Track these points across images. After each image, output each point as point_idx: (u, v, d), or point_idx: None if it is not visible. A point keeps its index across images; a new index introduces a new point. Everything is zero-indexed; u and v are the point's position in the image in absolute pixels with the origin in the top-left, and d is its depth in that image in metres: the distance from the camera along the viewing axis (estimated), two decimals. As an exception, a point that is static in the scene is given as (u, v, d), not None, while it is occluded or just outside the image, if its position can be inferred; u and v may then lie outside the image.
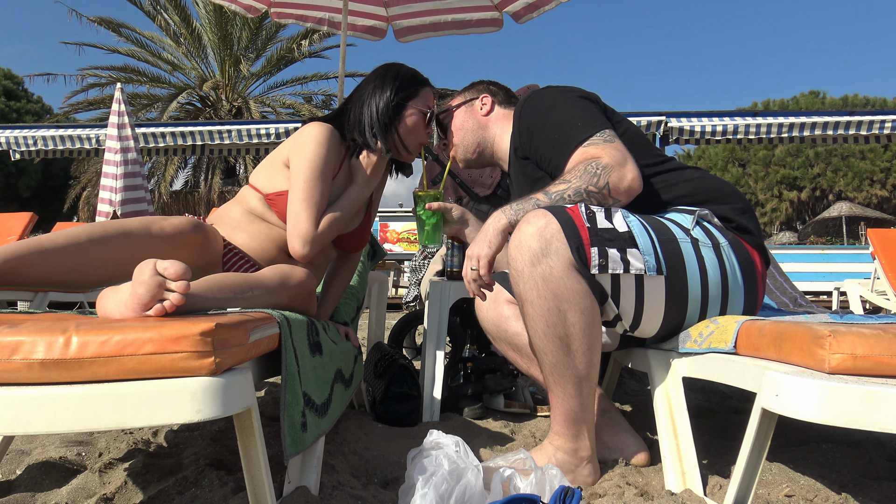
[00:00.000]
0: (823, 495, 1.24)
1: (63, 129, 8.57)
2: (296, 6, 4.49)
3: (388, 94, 1.67)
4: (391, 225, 12.37)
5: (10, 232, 4.14)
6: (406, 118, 1.69)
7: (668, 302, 1.33)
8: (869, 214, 19.17)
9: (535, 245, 1.25)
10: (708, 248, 1.36)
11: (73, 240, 1.23)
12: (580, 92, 1.55)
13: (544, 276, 1.25)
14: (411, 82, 1.71)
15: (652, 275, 1.28)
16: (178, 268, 0.99)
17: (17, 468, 1.45)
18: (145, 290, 0.97)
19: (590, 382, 1.31)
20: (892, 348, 0.90)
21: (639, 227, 1.31)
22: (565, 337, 1.27)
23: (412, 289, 3.65)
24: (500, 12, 4.35)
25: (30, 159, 8.75)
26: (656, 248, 1.30)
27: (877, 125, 7.27)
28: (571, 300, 1.25)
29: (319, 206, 1.55)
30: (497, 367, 2.21)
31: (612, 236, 1.27)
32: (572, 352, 1.28)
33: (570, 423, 1.33)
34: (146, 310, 0.98)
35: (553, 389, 1.33)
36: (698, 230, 1.38)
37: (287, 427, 1.05)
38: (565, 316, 1.25)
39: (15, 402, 0.81)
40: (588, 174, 1.35)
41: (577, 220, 1.26)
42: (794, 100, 25.45)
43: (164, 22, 15.26)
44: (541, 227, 1.26)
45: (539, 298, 1.26)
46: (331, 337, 1.45)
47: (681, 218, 1.42)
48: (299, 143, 1.58)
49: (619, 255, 1.26)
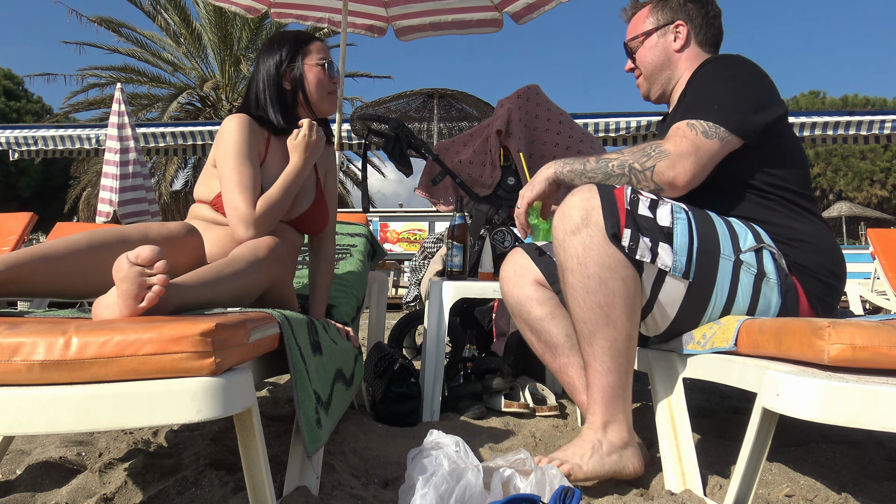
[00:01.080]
0: (823, 495, 1.24)
1: (63, 129, 8.58)
2: (296, 6, 4.50)
3: (276, 61, 1.69)
4: (391, 225, 12.36)
5: (10, 232, 4.13)
6: (306, 77, 1.70)
7: (683, 308, 1.32)
8: (869, 214, 19.16)
9: (576, 215, 1.28)
10: (750, 274, 1.33)
11: (73, 246, 1.24)
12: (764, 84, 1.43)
13: (584, 244, 1.27)
14: (295, 43, 1.72)
15: (676, 276, 1.28)
16: (149, 251, 0.99)
17: (17, 468, 1.45)
18: (129, 284, 0.98)
19: (629, 358, 1.30)
20: (891, 339, 0.90)
21: (684, 227, 1.30)
22: (605, 305, 1.26)
23: (412, 289, 3.65)
24: (500, 13, 4.35)
25: (30, 159, 8.75)
26: (692, 253, 1.29)
27: (877, 125, 7.26)
28: (612, 267, 1.26)
29: (252, 188, 1.55)
30: (497, 367, 2.21)
31: (648, 225, 1.28)
32: (612, 320, 1.27)
33: (608, 400, 1.30)
34: (139, 302, 0.99)
35: (591, 363, 1.31)
36: (751, 255, 1.33)
37: (305, 425, 1.06)
38: (606, 283, 1.26)
39: (15, 402, 0.82)
40: (642, 153, 1.38)
41: (619, 202, 1.28)
42: (794, 100, 25.45)
43: (165, 22, 15.24)
44: (584, 198, 1.29)
45: (579, 266, 1.28)
46: (330, 336, 1.45)
47: (747, 236, 1.36)
48: (218, 140, 1.63)
49: (649, 244, 1.26)
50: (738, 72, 1.44)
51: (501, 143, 2.58)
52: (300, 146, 1.63)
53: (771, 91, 1.44)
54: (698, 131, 1.37)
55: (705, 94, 1.42)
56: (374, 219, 11.95)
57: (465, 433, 1.75)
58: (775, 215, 1.42)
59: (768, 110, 1.40)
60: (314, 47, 1.73)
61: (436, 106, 4.86)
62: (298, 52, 1.71)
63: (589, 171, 1.44)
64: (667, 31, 1.60)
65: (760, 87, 1.43)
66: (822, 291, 1.38)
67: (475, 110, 4.86)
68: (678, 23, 1.59)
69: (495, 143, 2.61)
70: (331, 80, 1.74)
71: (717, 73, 1.45)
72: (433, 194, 2.71)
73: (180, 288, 1.09)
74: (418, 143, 2.51)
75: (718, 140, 1.36)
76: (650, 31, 1.62)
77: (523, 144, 2.61)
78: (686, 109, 1.42)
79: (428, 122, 5.12)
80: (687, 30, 1.58)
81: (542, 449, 1.70)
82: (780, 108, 1.43)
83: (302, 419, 1.06)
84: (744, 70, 1.44)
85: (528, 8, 4.23)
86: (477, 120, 4.90)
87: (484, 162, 2.68)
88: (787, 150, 1.44)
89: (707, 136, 1.36)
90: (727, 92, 1.41)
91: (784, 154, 1.44)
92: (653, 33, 1.62)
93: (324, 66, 1.72)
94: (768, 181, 1.42)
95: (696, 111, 1.39)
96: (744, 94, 1.40)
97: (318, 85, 1.72)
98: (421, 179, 2.72)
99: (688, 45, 1.59)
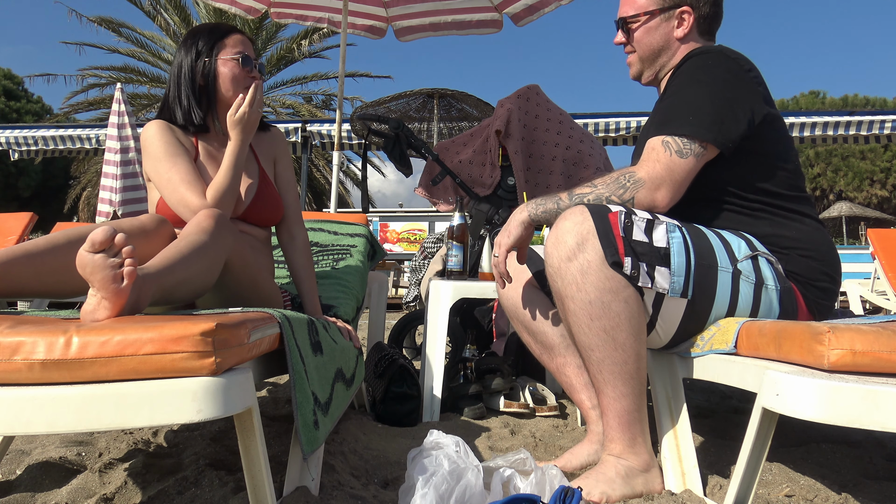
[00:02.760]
0: (823, 495, 1.24)
1: (63, 129, 8.57)
2: (295, 6, 4.50)
3: (190, 58, 1.65)
4: (391, 225, 12.35)
5: (10, 232, 4.13)
6: (220, 72, 1.64)
7: (684, 323, 1.31)
8: (869, 214, 19.16)
9: (570, 240, 1.24)
10: (749, 283, 1.31)
11: (52, 242, 1.23)
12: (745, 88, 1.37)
13: (582, 269, 1.23)
14: (210, 37, 1.66)
15: (674, 296, 1.27)
16: (101, 233, 0.96)
17: (17, 468, 1.45)
18: (100, 272, 0.95)
19: (640, 379, 1.27)
20: (891, 344, 0.90)
21: (680, 246, 1.27)
22: (611, 329, 1.23)
23: (412, 289, 3.65)
24: (500, 13, 4.36)
25: (30, 159, 8.75)
26: (689, 271, 1.26)
27: (877, 125, 7.27)
28: (614, 290, 1.22)
29: (194, 181, 1.52)
30: (497, 367, 2.21)
31: (644, 250, 1.24)
32: (619, 344, 1.23)
33: (625, 426, 1.26)
34: (119, 283, 0.96)
35: (603, 390, 1.27)
36: (748, 264, 1.32)
37: (302, 427, 1.06)
38: (609, 306, 1.22)
39: (15, 402, 0.82)
40: (617, 185, 1.33)
41: (615, 227, 1.23)
42: (794, 100, 25.46)
43: (165, 22, 15.23)
44: (577, 222, 1.25)
45: (579, 292, 1.24)
46: (331, 336, 1.45)
47: (740, 246, 1.35)
48: (143, 153, 1.62)
49: (646, 269, 1.23)
50: (717, 73, 1.37)
51: (501, 143, 2.58)
52: (239, 121, 1.57)
53: (752, 92, 1.37)
54: (672, 151, 1.32)
55: (681, 102, 1.38)
56: (374, 219, 11.95)
57: (465, 433, 1.75)
58: (762, 224, 1.39)
59: (749, 116, 1.35)
60: (230, 41, 1.66)
61: (436, 106, 4.86)
62: (214, 47, 1.65)
63: (563, 209, 1.38)
64: (671, 16, 1.51)
65: (741, 89, 1.36)
66: (817, 296, 1.37)
67: (475, 110, 4.86)
68: (685, 9, 1.50)
69: (495, 144, 2.61)
70: (248, 74, 1.66)
71: (695, 74, 1.39)
72: (433, 194, 2.71)
73: (153, 274, 1.08)
74: (418, 143, 2.51)
75: (693, 157, 1.32)
76: (654, 12, 1.52)
77: (523, 145, 2.61)
78: (661, 122, 1.38)
79: (428, 122, 5.12)
80: (693, 18, 1.50)
81: (542, 449, 1.70)
82: (763, 109, 1.37)
83: (299, 420, 1.06)
84: (723, 70, 1.37)
85: (528, 10, 4.24)
86: (477, 120, 4.90)
87: (484, 162, 2.68)
88: (768, 153, 1.39)
89: (682, 155, 1.32)
90: (704, 98, 1.35)
91: (767, 157, 1.39)
92: (657, 14, 1.52)
93: (238, 59, 1.64)
94: (752, 188, 1.39)
95: (671, 124, 1.35)
96: (722, 101, 1.34)
97: (233, 80, 1.64)
98: (421, 179, 2.72)
99: (690, 34, 1.51)
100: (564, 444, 1.73)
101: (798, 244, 1.37)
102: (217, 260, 1.32)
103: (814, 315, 1.38)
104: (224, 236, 1.35)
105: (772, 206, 1.39)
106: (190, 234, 1.29)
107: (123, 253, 0.97)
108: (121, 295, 0.97)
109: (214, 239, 1.30)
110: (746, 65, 1.40)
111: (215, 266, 1.31)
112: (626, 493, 1.23)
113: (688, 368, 1.35)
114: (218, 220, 1.35)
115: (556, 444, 1.74)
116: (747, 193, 1.39)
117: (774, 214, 1.39)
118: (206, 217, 1.34)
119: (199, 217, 1.35)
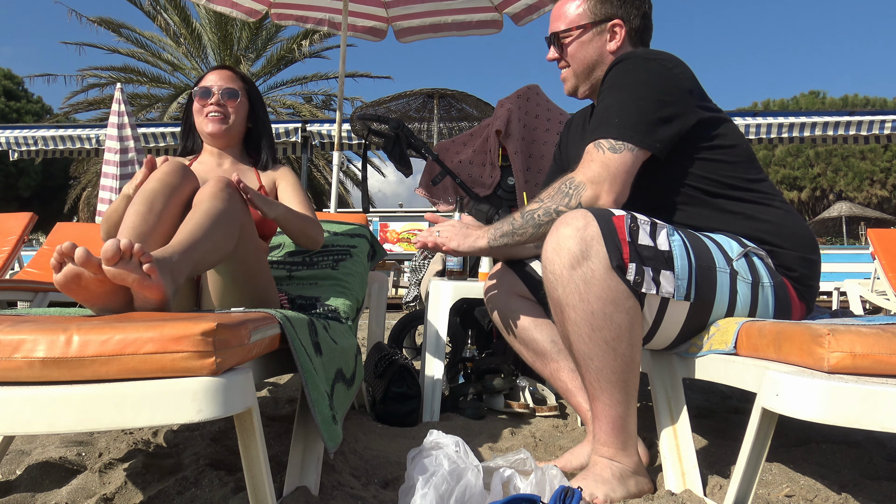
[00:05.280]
0: (823, 495, 1.24)
1: (63, 129, 8.58)
2: (296, 7, 4.49)
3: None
4: (391, 225, 12.35)
5: (10, 232, 4.13)
6: (193, 107, 1.88)
7: (686, 325, 1.32)
8: (869, 214, 19.15)
9: (574, 247, 1.21)
10: (745, 283, 1.31)
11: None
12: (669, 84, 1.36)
13: (586, 278, 1.20)
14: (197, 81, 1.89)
15: (678, 300, 1.26)
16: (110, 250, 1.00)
17: (17, 468, 1.45)
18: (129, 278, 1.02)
19: (634, 385, 1.27)
20: (891, 347, 0.90)
21: (681, 248, 1.27)
22: (612, 339, 1.21)
23: (412, 289, 3.65)
24: (500, 14, 4.36)
25: (30, 159, 8.76)
26: (692, 274, 1.26)
27: (877, 125, 7.28)
28: (617, 301, 1.20)
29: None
30: (497, 367, 2.21)
31: (650, 254, 1.22)
32: (618, 354, 1.23)
33: (618, 431, 1.27)
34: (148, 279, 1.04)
35: (598, 397, 1.27)
36: (743, 263, 1.32)
37: (322, 423, 1.06)
38: (611, 318, 1.21)
39: (15, 402, 0.82)
40: (561, 194, 1.34)
41: (620, 231, 1.21)
42: (794, 100, 25.44)
43: (164, 22, 15.23)
44: (580, 227, 1.21)
45: (582, 302, 1.21)
46: (331, 336, 1.45)
47: (732, 245, 1.35)
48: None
49: (651, 274, 1.22)
50: (638, 76, 1.36)
51: (501, 143, 2.58)
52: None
53: (677, 88, 1.35)
54: (604, 149, 1.32)
55: (605, 109, 1.38)
56: (374, 219, 11.94)
57: (465, 433, 1.75)
58: (738, 219, 1.38)
59: (676, 112, 1.34)
60: (203, 80, 1.88)
61: (436, 106, 4.86)
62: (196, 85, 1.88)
63: (518, 230, 1.39)
64: (604, 30, 1.52)
65: (665, 88, 1.35)
66: (799, 280, 1.38)
67: (475, 110, 4.85)
68: (616, 22, 1.51)
69: (495, 144, 2.61)
70: (204, 104, 1.85)
71: (619, 80, 1.38)
72: (433, 194, 2.71)
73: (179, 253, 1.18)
74: (418, 143, 2.51)
75: (628, 151, 1.32)
76: (586, 26, 1.52)
77: (523, 145, 2.61)
78: (592, 128, 1.39)
79: (428, 122, 5.11)
80: (624, 31, 1.51)
81: (542, 449, 1.70)
82: (692, 104, 1.36)
83: (318, 417, 1.06)
84: (643, 72, 1.36)
85: (528, 9, 4.24)
86: (477, 120, 4.89)
87: (484, 162, 2.68)
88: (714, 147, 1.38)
89: (614, 150, 1.32)
90: (629, 102, 1.35)
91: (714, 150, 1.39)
92: (589, 28, 1.52)
93: (198, 93, 1.85)
94: (713, 182, 1.38)
95: (599, 129, 1.35)
96: (646, 104, 1.34)
97: (196, 112, 1.88)
98: (421, 179, 2.72)
99: (623, 47, 1.52)
100: (564, 444, 1.73)
101: (771, 237, 1.37)
102: (233, 223, 1.40)
103: (806, 303, 1.40)
104: (234, 197, 1.43)
105: (739, 201, 1.39)
106: (201, 200, 1.38)
107: (136, 254, 1.03)
108: (154, 287, 1.05)
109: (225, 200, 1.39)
110: (670, 62, 1.39)
111: (233, 230, 1.39)
112: (625, 494, 1.25)
113: (688, 368, 1.35)
114: (222, 181, 1.43)
115: (556, 444, 1.74)
116: (710, 188, 1.39)
117: (744, 202, 1.39)
118: (214, 181, 1.43)
119: (208, 184, 1.43)
